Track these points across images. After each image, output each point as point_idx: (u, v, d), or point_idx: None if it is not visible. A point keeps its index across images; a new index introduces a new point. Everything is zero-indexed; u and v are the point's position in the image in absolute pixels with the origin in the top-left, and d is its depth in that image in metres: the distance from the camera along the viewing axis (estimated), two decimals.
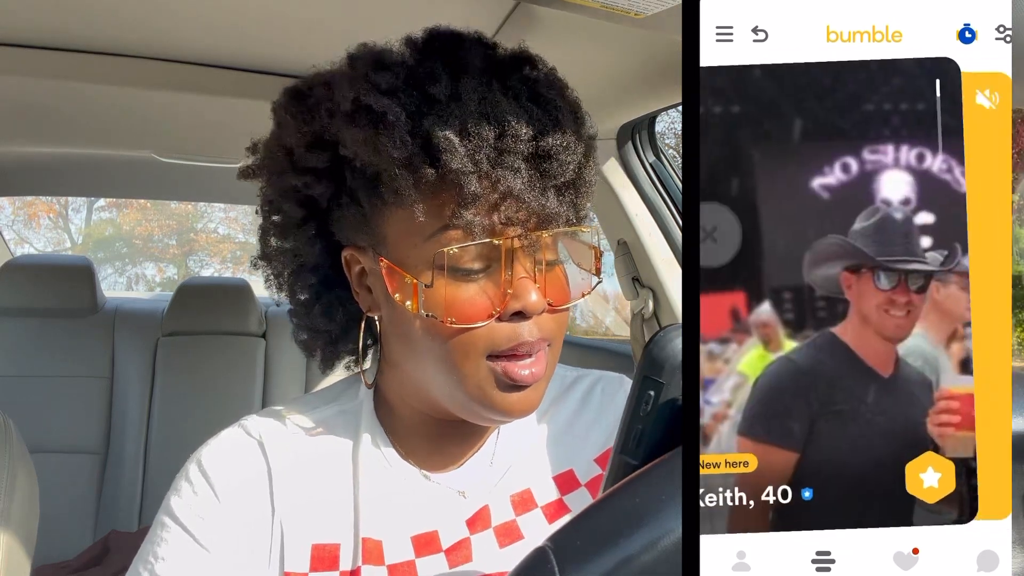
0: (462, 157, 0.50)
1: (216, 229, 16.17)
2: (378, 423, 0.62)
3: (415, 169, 0.51)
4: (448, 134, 0.50)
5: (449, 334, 0.53)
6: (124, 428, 1.99)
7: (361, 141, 0.52)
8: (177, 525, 0.55)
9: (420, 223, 0.52)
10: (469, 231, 0.51)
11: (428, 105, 0.52)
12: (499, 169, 0.51)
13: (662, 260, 1.38)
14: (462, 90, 0.52)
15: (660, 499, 0.30)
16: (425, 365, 0.56)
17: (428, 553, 0.57)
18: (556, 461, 0.63)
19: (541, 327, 0.54)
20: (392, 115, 0.51)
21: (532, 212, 0.52)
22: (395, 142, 0.51)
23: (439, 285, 0.52)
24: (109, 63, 1.12)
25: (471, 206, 0.51)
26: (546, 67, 0.59)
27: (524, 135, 0.52)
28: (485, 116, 0.51)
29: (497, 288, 0.53)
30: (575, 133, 0.55)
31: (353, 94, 0.53)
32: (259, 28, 1.03)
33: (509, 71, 0.56)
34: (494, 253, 0.53)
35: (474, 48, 0.56)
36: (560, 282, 0.56)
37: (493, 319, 0.53)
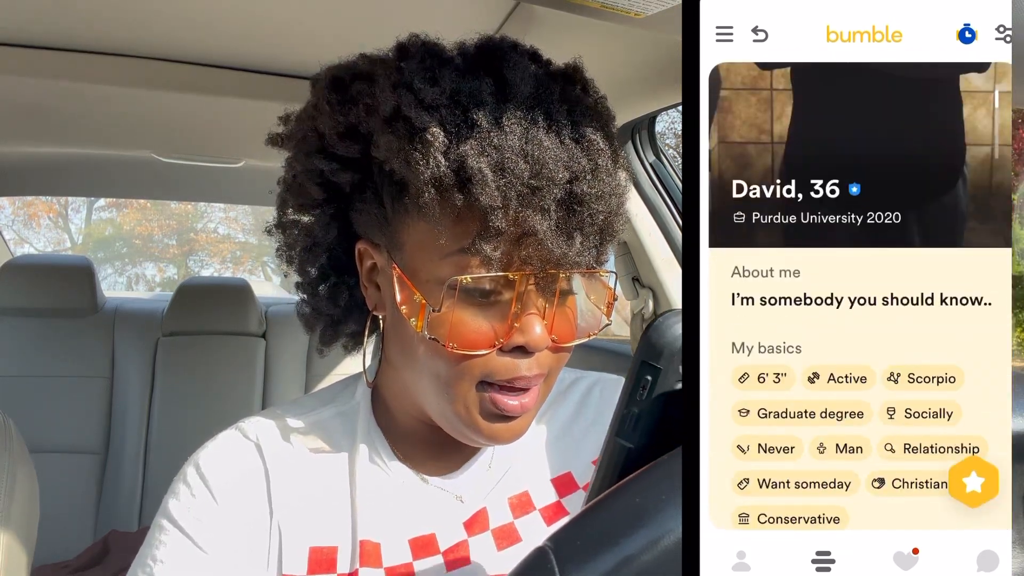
0: (492, 192, 0.49)
1: (216, 229, 16.18)
2: (376, 425, 0.62)
3: (443, 191, 0.50)
4: (483, 167, 0.49)
5: (450, 358, 0.52)
6: (124, 428, 1.99)
7: (395, 150, 0.51)
8: (175, 528, 0.55)
9: (439, 243, 0.51)
10: (486, 262, 0.50)
11: (469, 129, 0.50)
12: (527, 209, 0.50)
13: (662, 260, 1.38)
14: (505, 121, 0.50)
15: (660, 499, 0.30)
16: (420, 376, 0.55)
17: (426, 556, 0.57)
18: (554, 463, 0.63)
19: (540, 363, 0.54)
20: (431, 134, 0.50)
21: (553, 255, 0.51)
22: (428, 161, 0.49)
23: (447, 310, 0.51)
24: (109, 63, 1.12)
25: (492, 240, 0.50)
26: (597, 93, 0.58)
27: (560, 179, 0.50)
28: (524, 155, 0.50)
29: (504, 320, 0.52)
30: (611, 178, 0.54)
31: (395, 102, 0.52)
32: (259, 28, 1.03)
33: (557, 97, 0.53)
34: (507, 286, 0.52)
35: (524, 68, 0.54)
36: (568, 320, 0.55)
37: (495, 350, 0.52)
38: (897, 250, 0.28)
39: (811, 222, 0.29)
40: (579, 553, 0.29)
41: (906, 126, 0.29)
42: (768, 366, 0.29)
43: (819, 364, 0.29)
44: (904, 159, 0.28)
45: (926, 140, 0.29)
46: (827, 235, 0.29)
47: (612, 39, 0.98)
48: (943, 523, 0.28)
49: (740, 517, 0.28)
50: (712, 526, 0.28)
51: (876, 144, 0.29)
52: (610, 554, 0.29)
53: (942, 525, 0.28)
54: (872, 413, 0.29)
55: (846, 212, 0.29)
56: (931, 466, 0.28)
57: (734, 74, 0.29)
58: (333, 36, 1.03)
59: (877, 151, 0.29)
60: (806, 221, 0.29)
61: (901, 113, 0.29)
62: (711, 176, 0.29)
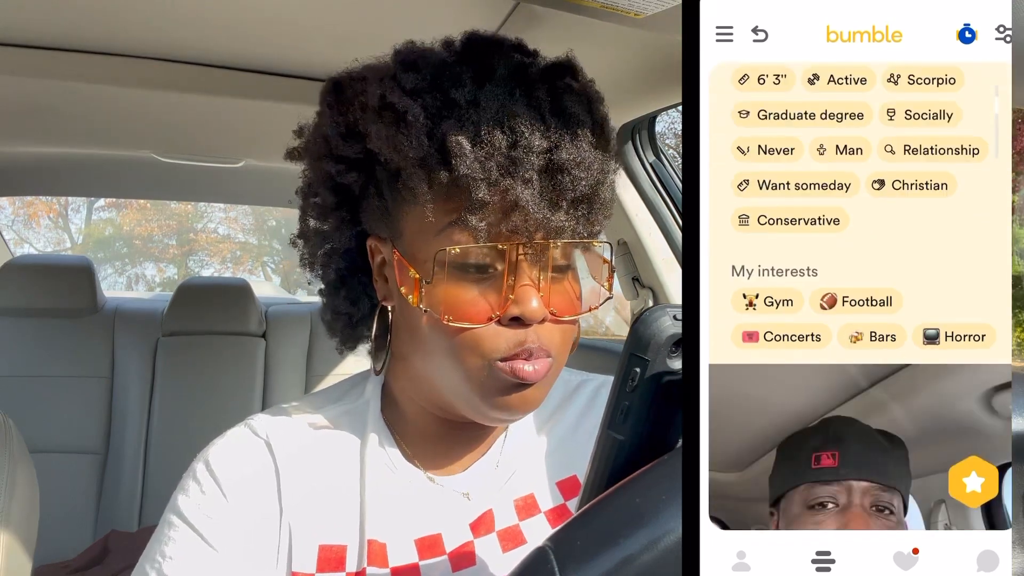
0: (472, 163, 0.51)
1: (216, 229, 16.19)
2: (384, 423, 0.62)
3: (429, 170, 0.52)
4: (460, 139, 0.51)
5: (451, 332, 0.53)
6: (124, 428, 1.99)
7: (384, 137, 0.54)
8: (185, 524, 0.55)
9: (431, 221, 0.53)
10: (475, 234, 0.52)
11: (448, 109, 0.53)
12: (509, 178, 0.52)
13: (662, 260, 1.38)
14: (482, 96, 0.53)
15: (660, 499, 0.30)
16: (430, 360, 0.56)
17: (431, 556, 0.57)
18: (560, 466, 0.64)
19: (542, 336, 0.54)
20: (412, 115, 0.52)
21: (539, 223, 0.52)
22: (412, 142, 0.52)
23: (439, 282, 0.53)
24: (109, 63, 1.12)
25: (478, 211, 0.51)
26: (585, 78, 0.59)
27: (538, 147, 0.52)
28: (500, 124, 0.52)
29: (499, 293, 0.53)
30: (595, 149, 0.55)
31: (380, 91, 0.55)
32: (259, 28, 1.04)
33: (540, 80, 0.56)
34: (498, 258, 0.53)
35: (506, 55, 0.56)
36: (567, 294, 0.56)
37: (492, 322, 0.53)
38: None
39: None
40: (579, 553, 0.29)
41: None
42: (768, 67, 0.29)
43: (819, 64, 0.28)
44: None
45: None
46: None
47: (612, 39, 0.99)
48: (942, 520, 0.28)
49: (740, 219, 0.28)
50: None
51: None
52: (610, 554, 0.29)
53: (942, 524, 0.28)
54: (872, 113, 0.28)
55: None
56: (932, 167, 0.28)
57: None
58: (333, 36, 1.03)
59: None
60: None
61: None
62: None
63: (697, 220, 0.28)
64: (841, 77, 0.29)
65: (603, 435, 0.35)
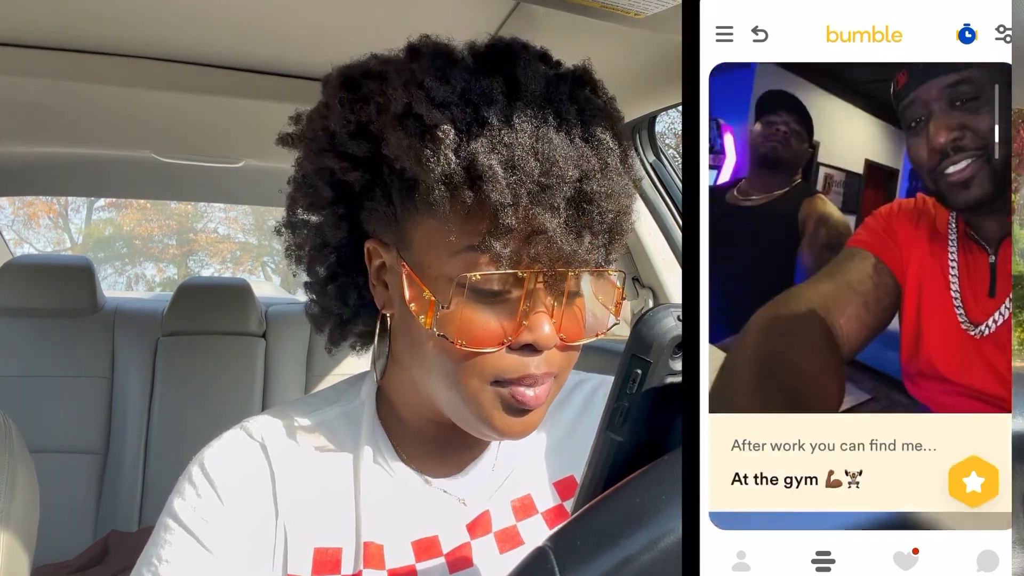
0: (503, 190, 0.49)
1: (216, 229, 16.19)
2: (380, 426, 0.62)
3: (454, 188, 0.50)
4: (494, 164, 0.49)
5: (458, 355, 0.52)
6: (124, 428, 1.99)
7: (406, 147, 0.52)
8: (180, 527, 0.55)
9: (450, 241, 0.51)
10: (496, 259, 0.50)
11: (479, 127, 0.50)
12: (537, 207, 0.50)
13: (662, 260, 1.38)
14: (516, 119, 0.50)
15: (660, 499, 0.30)
16: (430, 375, 0.55)
17: (429, 558, 0.57)
18: (557, 467, 0.63)
19: (549, 361, 0.54)
20: (441, 132, 0.50)
21: (563, 253, 0.51)
22: (439, 158, 0.50)
23: (456, 307, 0.51)
24: (109, 63, 1.12)
25: (502, 237, 0.50)
26: (606, 94, 0.58)
27: (570, 177, 0.50)
28: (535, 153, 0.50)
29: (512, 318, 0.52)
30: (621, 177, 0.54)
31: (406, 99, 0.52)
32: (259, 28, 1.04)
33: (567, 97, 0.54)
34: (516, 284, 0.52)
35: (535, 68, 0.54)
36: (577, 319, 0.55)
37: (504, 347, 0.52)
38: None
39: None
40: (579, 553, 0.29)
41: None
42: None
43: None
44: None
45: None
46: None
47: (612, 39, 0.99)
48: (943, 523, 0.28)
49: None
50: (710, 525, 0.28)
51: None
52: (610, 554, 0.29)
53: (942, 525, 0.28)
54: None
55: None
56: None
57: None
58: (333, 36, 1.03)
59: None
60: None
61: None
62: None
63: (697, 220, 0.28)
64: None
65: (601, 436, 0.35)
